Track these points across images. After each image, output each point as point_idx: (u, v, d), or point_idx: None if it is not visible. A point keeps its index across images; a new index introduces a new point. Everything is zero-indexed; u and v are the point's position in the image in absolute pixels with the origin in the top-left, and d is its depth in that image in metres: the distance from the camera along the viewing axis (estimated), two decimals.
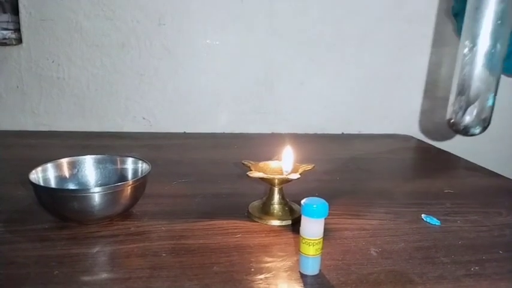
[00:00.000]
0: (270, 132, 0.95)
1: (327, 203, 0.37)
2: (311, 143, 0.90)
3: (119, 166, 0.51)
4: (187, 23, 0.88)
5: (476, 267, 0.40)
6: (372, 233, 0.46)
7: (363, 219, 0.50)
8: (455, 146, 0.93)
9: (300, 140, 0.90)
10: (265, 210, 0.49)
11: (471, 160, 0.79)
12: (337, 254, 0.41)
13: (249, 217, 0.49)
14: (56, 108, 0.90)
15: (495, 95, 0.37)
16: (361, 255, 0.41)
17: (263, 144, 0.73)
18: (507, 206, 0.54)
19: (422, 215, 0.50)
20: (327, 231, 0.46)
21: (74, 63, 0.88)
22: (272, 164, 0.52)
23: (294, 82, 0.94)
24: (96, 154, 0.52)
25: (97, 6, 0.85)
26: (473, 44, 0.36)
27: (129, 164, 0.51)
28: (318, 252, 0.37)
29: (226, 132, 0.94)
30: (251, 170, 0.49)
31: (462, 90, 0.37)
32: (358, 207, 0.53)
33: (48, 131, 0.89)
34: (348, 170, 0.70)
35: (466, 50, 0.36)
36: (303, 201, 0.37)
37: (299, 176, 0.47)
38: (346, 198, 0.56)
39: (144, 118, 0.92)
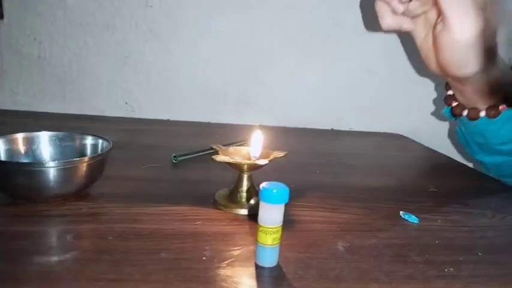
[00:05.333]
0: (257, 124, 0.91)
1: (287, 188, 0.33)
2: (298, 136, 0.86)
3: (78, 144, 0.48)
4: (175, 6, 0.85)
5: (451, 269, 0.36)
6: (342, 227, 0.43)
7: (336, 212, 0.46)
8: (448, 147, 0.90)
9: (288, 133, 0.87)
10: (232, 198, 0.46)
11: (465, 163, 0.75)
12: (301, 247, 0.38)
13: (215, 205, 0.46)
14: (35, 88, 0.86)
15: None
16: (326, 249, 0.38)
17: (247, 135, 0.70)
18: (493, 208, 0.51)
19: (401, 212, 0.47)
20: (295, 223, 0.42)
21: (56, 42, 0.85)
22: (243, 150, 0.49)
23: (285, 73, 0.91)
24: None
25: None
26: None
27: (89, 142, 0.48)
28: (275, 242, 0.34)
29: (212, 122, 0.91)
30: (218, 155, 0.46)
31: None
32: (333, 201, 0.49)
33: (27, 111, 0.86)
34: (330, 164, 0.66)
35: None
36: (261, 185, 0.33)
37: (267, 161, 0.44)
38: (322, 191, 0.53)
39: (126, 103, 0.89)
